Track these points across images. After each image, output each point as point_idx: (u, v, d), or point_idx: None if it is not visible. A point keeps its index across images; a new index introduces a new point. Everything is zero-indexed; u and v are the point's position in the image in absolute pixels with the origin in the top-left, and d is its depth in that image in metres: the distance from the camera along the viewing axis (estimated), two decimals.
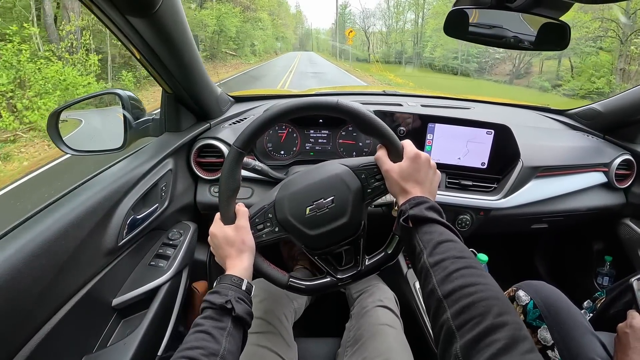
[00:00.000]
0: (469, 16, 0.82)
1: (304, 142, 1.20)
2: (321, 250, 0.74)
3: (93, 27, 8.92)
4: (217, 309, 0.57)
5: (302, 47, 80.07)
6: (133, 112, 0.97)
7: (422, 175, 0.66)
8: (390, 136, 0.67)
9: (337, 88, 1.87)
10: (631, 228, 1.32)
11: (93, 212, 0.70)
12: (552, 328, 0.80)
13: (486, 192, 1.13)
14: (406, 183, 0.65)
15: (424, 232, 0.57)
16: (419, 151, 0.68)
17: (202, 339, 0.53)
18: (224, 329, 0.56)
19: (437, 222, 0.58)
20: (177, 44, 0.80)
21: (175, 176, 1.00)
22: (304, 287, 0.73)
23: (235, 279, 0.62)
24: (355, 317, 0.92)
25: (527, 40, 0.83)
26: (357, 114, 0.66)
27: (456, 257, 0.51)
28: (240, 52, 24.59)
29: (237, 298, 0.59)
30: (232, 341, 0.56)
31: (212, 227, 0.70)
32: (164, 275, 0.85)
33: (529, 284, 0.92)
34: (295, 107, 0.67)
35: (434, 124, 1.11)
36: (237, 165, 0.68)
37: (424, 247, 0.55)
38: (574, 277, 1.57)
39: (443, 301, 0.46)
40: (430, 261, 0.52)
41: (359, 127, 0.69)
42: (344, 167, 0.73)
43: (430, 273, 0.51)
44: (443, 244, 0.54)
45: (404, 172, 0.65)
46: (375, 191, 0.71)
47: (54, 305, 0.63)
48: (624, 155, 1.27)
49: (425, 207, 0.60)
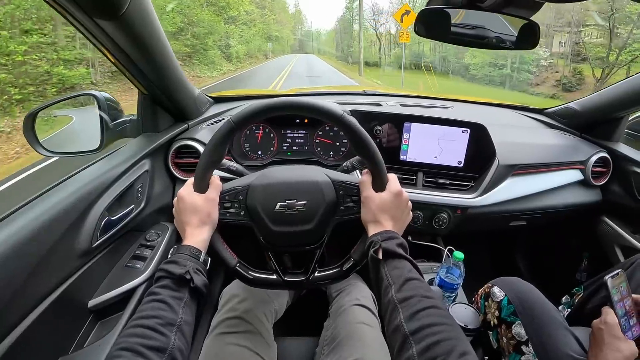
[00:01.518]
0: (446, 16, 0.83)
1: (281, 142, 1.20)
2: (278, 247, 0.75)
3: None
4: (176, 279, 0.57)
5: (302, 50, 75.32)
6: (110, 113, 0.97)
7: (398, 212, 0.69)
8: (381, 167, 0.69)
9: (319, 88, 1.88)
10: (608, 224, 1.34)
11: (66, 213, 0.70)
12: (527, 323, 0.81)
13: (463, 191, 1.15)
14: (382, 215, 0.67)
15: (393, 266, 0.59)
16: (402, 189, 0.70)
17: (158, 308, 0.52)
18: (180, 299, 0.56)
19: (406, 259, 0.61)
20: (149, 45, 0.80)
21: (152, 177, 1.00)
22: (248, 277, 0.73)
23: (194, 250, 0.62)
24: (332, 316, 0.93)
25: (508, 40, 0.84)
26: (358, 134, 0.68)
27: (423, 296, 0.53)
28: (201, 58, 16.20)
29: (196, 269, 0.59)
30: (189, 311, 0.56)
31: (182, 190, 0.69)
32: (141, 277, 0.85)
33: (504, 280, 0.93)
34: (300, 105, 0.68)
35: (410, 124, 1.13)
36: (227, 138, 0.68)
37: (392, 282, 0.57)
38: (553, 273, 1.60)
39: (409, 337, 0.48)
40: (399, 297, 0.54)
41: (355, 146, 0.70)
42: (326, 177, 0.74)
43: (397, 309, 0.53)
44: (411, 281, 0.56)
45: (383, 204, 0.68)
46: (347, 210, 0.73)
47: (26, 308, 0.62)
48: (600, 152, 1.29)
49: (396, 242, 0.62)
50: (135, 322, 0.50)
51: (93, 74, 9.01)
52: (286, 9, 63.62)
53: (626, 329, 0.78)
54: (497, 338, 0.88)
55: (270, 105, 0.67)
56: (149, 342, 0.48)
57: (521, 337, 0.81)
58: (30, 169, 4.42)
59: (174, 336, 0.50)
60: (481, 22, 0.82)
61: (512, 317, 0.84)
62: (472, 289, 1.08)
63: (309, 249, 0.75)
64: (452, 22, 0.84)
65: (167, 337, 0.50)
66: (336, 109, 0.68)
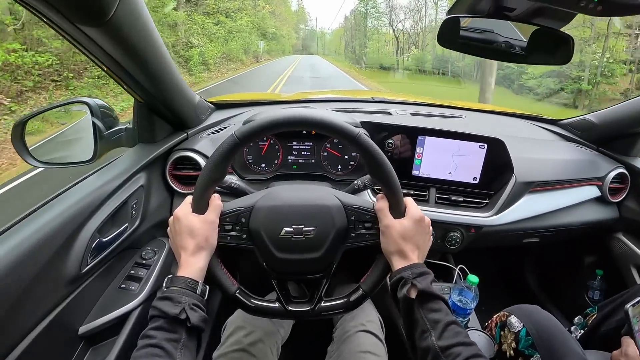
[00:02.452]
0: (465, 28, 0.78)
1: (287, 154, 1.14)
2: (282, 274, 0.70)
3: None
4: (169, 319, 0.52)
5: (306, 50, 71.35)
6: (105, 121, 0.90)
7: (421, 240, 0.65)
8: (398, 192, 0.64)
9: (326, 93, 1.81)
10: (624, 242, 1.30)
11: (51, 239, 0.65)
12: (545, 357, 0.77)
13: (477, 209, 1.09)
14: (406, 244, 0.63)
15: (429, 309, 0.56)
16: (423, 214, 0.66)
17: (153, 355, 0.48)
18: (177, 341, 0.51)
19: (441, 299, 0.58)
20: (141, 51, 0.73)
21: (148, 191, 0.94)
22: (250, 305, 0.68)
23: (189, 282, 0.57)
24: (337, 342, 0.88)
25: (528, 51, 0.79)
26: (375, 157, 0.63)
27: (466, 344, 0.51)
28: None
29: (192, 305, 0.54)
30: (187, 353, 0.52)
31: (179, 209, 0.64)
32: (135, 300, 0.80)
33: (522, 308, 0.89)
34: (312, 121, 0.62)
35: (424, 137, 1.07)
36: (230, 154, 0.62)
37: (430, 328, 0.54)
38: (564, 291, 1.55)
39: None
40: (441, 345, 0.52)
41: (370, 168, 0.65)
42: (337, 200, 0.68)
43: (441, 358, 0.51)
44: (451, 326, 0.54)
45: (405, 233, 0.63)
46: (359, 238, 0.68)
47: (12, 340, 0.58)
48: (618, 169, 1.25)
49: (430, 280, 0.59)
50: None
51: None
52: (287, 4, 56.58)
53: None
54: None
55: (279, 121, 0.62)
56: None
57: None
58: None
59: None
60: (513, 34, 0.77)
61: (530, 350, 0.81)
62: (480, 306, 1.03)
63: (315, 278, 0.69)
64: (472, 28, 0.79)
65: None
66: (351, 128, 0.62)
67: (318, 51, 69.74)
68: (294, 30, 65.05)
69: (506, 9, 0.73)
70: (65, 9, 0.54)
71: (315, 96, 1.59)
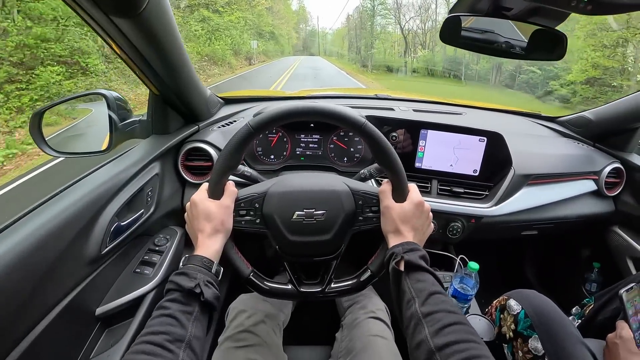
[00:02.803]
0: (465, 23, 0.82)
1: (295, 146, 1.18)
2: (294, 257, 0.73)
3: None
4: (185, 292, 0.55)
5: (307, 50, 69.08)
6: (119, 113, 0.94)
7: (419, 223, 0.67)
8: (402, 177, 0.67)
9: (330, 90, 1.85)
10: (620, 235, 1.34)
11: (74, 220, 0.68)
12: (543, 338, 0.80)
13: (478, 200, 1.13)
14: (403, 225, 0.66)
15: (415, 279, 0.58)
16: (423, 199, 0.68)
17: (167, 324, 0.51)
18: (190, 314, 0.54)
19: (429, 272, 0.59)
20: (164, 45, 0.77)
21: (162, 180, 0.98)
22: (264, 287, 0.71)
23: (205, 261, 0.60)
24: (346, 328, 0.91)
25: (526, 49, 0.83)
26: (381, 143, 0.66)
27: (449, 311, 0.52)
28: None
29: (206, 282, 0.57)
30: (199, 326, 0.54)
31: (196, 195, 0.67)
32: (150, 283, 0.83)
33: (521, 292, 0.92)
34: (322, 111, 0.66)
35: (427, 131, 1.11)
36: (245, 143, 0.66)
37: (415, 296, 0.56)
38: (562, 283, 1.59)
39: (435, 354, 0.47)
40: (423, 311, 0.53)
41: (376, 155, 0.68)
42: (345, 186, 0.72)
43: (422, 323, 0.51)
44: (435, 295, 0.55)
45: (404, 215, 0.66)
46: (366, 221, 0.71)
47: (33, 319, 0.60)
48: (613, 163, 1.29)
49: (419, 254, 0.61)
50: (143, 339, 0.49)
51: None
52: (287, 2, 53.07)
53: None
54: (513, 351, 0.86)
55: (291, 111, 0.65)
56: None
57: (537, 352, 0.80)
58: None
59: (182, 353, 0.49)
60: (507, 32, 0.81)
61: (529, 331, 0.83)
62: (481, 297, 1.07)
63: (325, 260, 0.73)
64: (474, 28, 0.83)
65: (174, 355, 0.48)
66: (358, 117, 0.66)
67: (319, 51, 67.58)
68: (294, 29, 62.19)
69: (504, 9, 0.78)
70: (101, 0, 0.58)
71: (319, 93, 1.63)
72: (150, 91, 0.97)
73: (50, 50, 7.18)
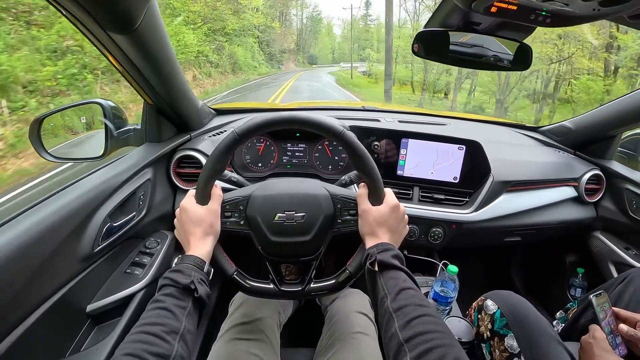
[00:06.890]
0: (444, 37, 0.87)
1: (281, 155, 1.23)
2: (275, 257, 0.76)
3: None
4: (180, 288, 0.58)
5: (313, 61, 57.25)
6: (115, 122, 0.99)
7: (395, 225, 0.70)
8: (378, 181, 0.70)
9: (320, 103, 1.91)
10: (601, 241, 1.36)
11: (70, 218, 0.72)
12: (519, 336, 0.81)
13: (458, 206, 1.17)
14: (379, 228, 0.69)
15: (388, 277, 0.61)
16: (399, 203, 0.72)
17: (162, 316, 0.53)
18: (184, 308, 0.56)
19: (401, 270, 0.62)
20: (158, 59, 0.83)
21: (154, 186, 1.02)
22: (246, 285, 0.74)
23: (198, 261, 0.63)
24: (327, 323, 0.93)
25: (505, 60, 0.88)
26: (357, 150, 0.70)
27: (417, 305, 0.54)
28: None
29: (200, 279, 0.60)
30: (191, 320, 0.56)
31: (184, 201, 0.70)
32: (139, 283, 0.86)
33: (497, 293, 0.94)
34: (303, 120, 0.69)
35: (407, 140, 1.16)
36: (230, 149, 0.69)
37: (388, 293, 0.58)
38: (548, 288, 1.61)
39: (403, 345, 0.49)
40: (393, 306, 0.55)
41: (353, 161, 0.72)
42: (325, 190, 0.75)
43: (392, 318, 0.54)
44: (405, 290, 0.57)
45: (380, 218, 0.69)
46: (344, 224, 0.74)
47: (27, 309, 0.63)
48: (593, 170, 1.32)
49: (391, 254, 0.63)
50: (140, 329, 0.51)
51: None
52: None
53: (613, 347, 0.79)
54: (490, 350, 0.88)
55: (275, 120, 0.69)
56: (153, 348, 0.49)
57: (513, 350, 0.81)
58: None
59: (177, 344, 0.51)
60: (479, 42, 0.85)
61: (505, 330, 0.84)
62: (467, 303, 1.09)
63: (305, 260, 0.76)
64: (451, 41, 0.88)
65: (170, 345, 0.50)
66: (337, 125, 0.70)
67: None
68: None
69: (474, 23, 0.83)
70: (100, 18, 0.64)
71: (309, 105, 1.68)
72: (144, 101, 1.02)
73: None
